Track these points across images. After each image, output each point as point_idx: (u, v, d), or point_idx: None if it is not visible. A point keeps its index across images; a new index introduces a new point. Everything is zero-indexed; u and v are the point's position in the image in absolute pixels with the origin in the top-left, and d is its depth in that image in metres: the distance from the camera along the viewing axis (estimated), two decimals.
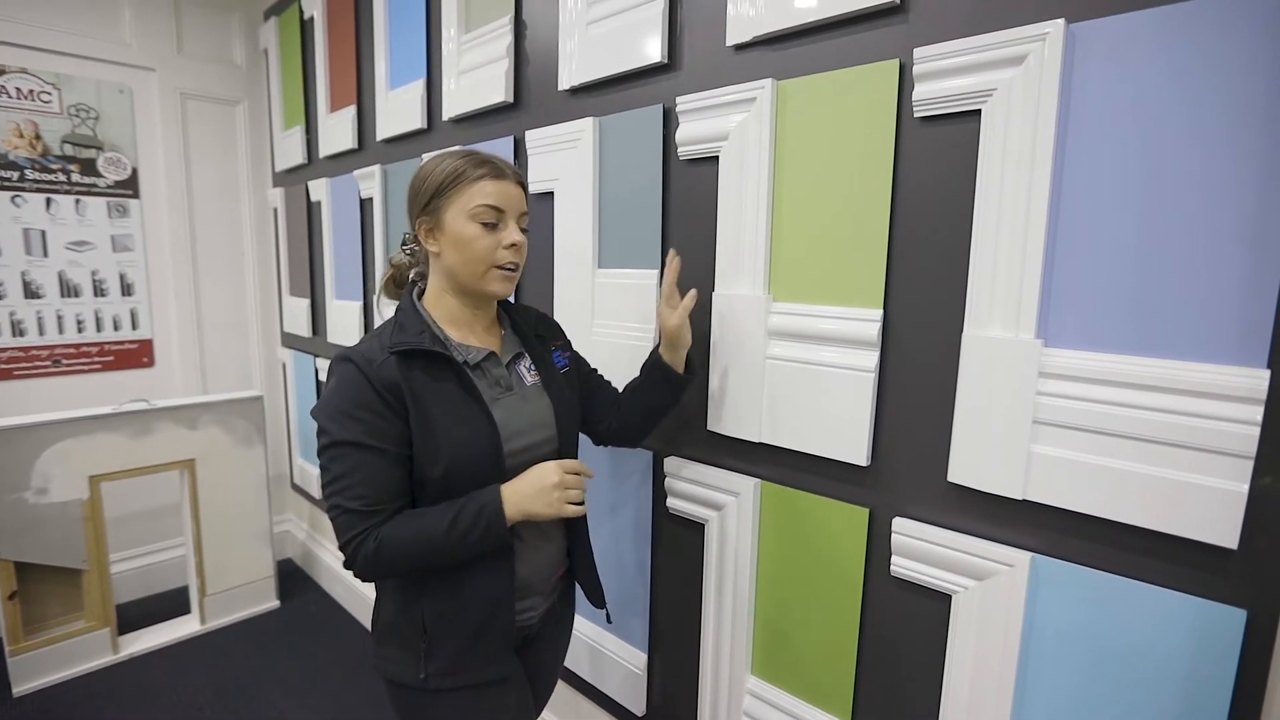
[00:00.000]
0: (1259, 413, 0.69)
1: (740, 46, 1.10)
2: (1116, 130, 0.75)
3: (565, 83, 1.38)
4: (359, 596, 2.46)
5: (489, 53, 1.57)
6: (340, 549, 0.90)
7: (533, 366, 1.06)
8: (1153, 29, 0.72)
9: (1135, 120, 0.74)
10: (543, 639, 1.13)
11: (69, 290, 2.41)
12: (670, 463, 1.28)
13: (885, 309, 0.97)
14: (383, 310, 1.11)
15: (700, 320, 1.19)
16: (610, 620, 1.22)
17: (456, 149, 0.98)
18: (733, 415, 1.15)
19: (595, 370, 1.22)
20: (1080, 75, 0.77)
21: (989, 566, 0.88)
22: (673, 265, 1.11)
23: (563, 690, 1.63)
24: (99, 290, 2.47)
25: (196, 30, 2.60)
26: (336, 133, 2.20)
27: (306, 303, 2.53)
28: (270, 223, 2.84)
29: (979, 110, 0.85)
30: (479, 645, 0.97)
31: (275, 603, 2.56)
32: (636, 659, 1.41)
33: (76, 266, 2.41)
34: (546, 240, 1.46)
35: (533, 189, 1.46)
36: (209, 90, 2.64)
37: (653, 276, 1.26)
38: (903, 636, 1.00)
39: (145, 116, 2.51)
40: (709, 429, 1.20)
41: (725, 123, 1.10)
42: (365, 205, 2.11)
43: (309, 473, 2.69)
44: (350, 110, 2.13)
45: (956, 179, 0.88)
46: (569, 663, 1.57)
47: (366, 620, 2.35)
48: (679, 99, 1.17)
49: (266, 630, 2.42)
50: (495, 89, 1.54)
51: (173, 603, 2.52)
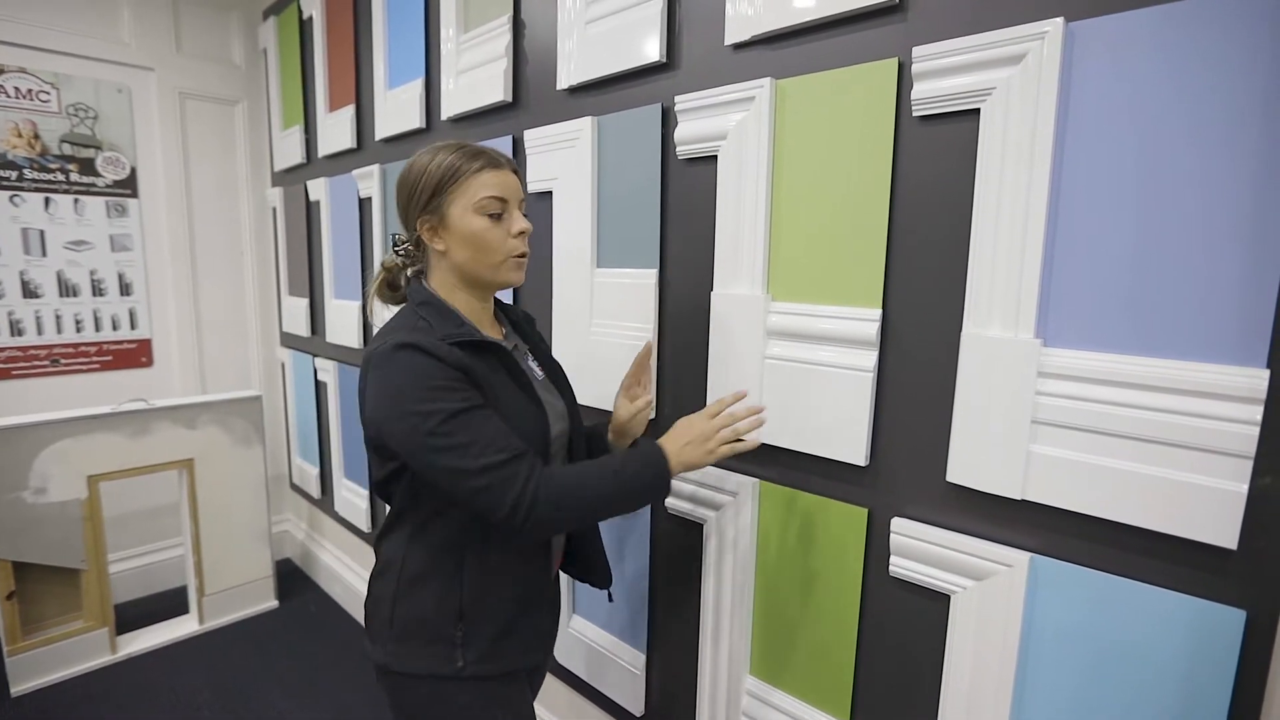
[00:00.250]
0: (1258, 412, 0.68)
1: (739, 46, 1.10)
2: (1115, 129, 0.75)
3: (564, 82, 1.38)
4: (357, 596, 2.45)
5: (487, 52, 1.57)
6: (511, 506, 0.84)
7: (536, 361, 1.08)
8: (1151, 28, 0.72)
9: (1134, 119, 0.74)
10: None
11: (67, 290, 2.40)
12: None
13: (884, 308, 0.96)
14: (376, 313, 1.07)
15: (698, 320, 1.19)
16: (611, 599, 1.23)
17: (441, 144, 0.96)
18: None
19: None
20: (1079, 74, 0.77)
21: (988, 567, 0.88)
22: (641, 355, 1.13)
23: (561, 690, 1.63)
24: (97, 290, 2.46)
25: (195, 30, 2.59)
26: (335, 132, 2.20)
27: (305, 302, 2.53)
28: (269, 222, 2.83)
29: (978, 109, 0.84)
30: (514, 634, 0.99)
31: (274, 603, 2.56)
32: (635, 659, 1.41)
33: (75, 266, 2.41)
34: (545, 240, 1.46)
35: (531, 188, 1.46)
36: (208, 90, 2.64)
37: (651, 276, 1.25)
38: (902, 637, 1.00)
39: (144, 116, 2.51)
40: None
41: (724, 122, 1.10)
42: (364, 205, 2.11)
43: (308, 472, 2.69)
44: (349, 110, 2.13)
45: (955, 178, 0.88)
46: (567, 662, 1.57)
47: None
48: (678, 98, 1.16)
49: (265, 630, 2.41)
50: (494, 88, 1.54)
51: (171, 602, 2.51)
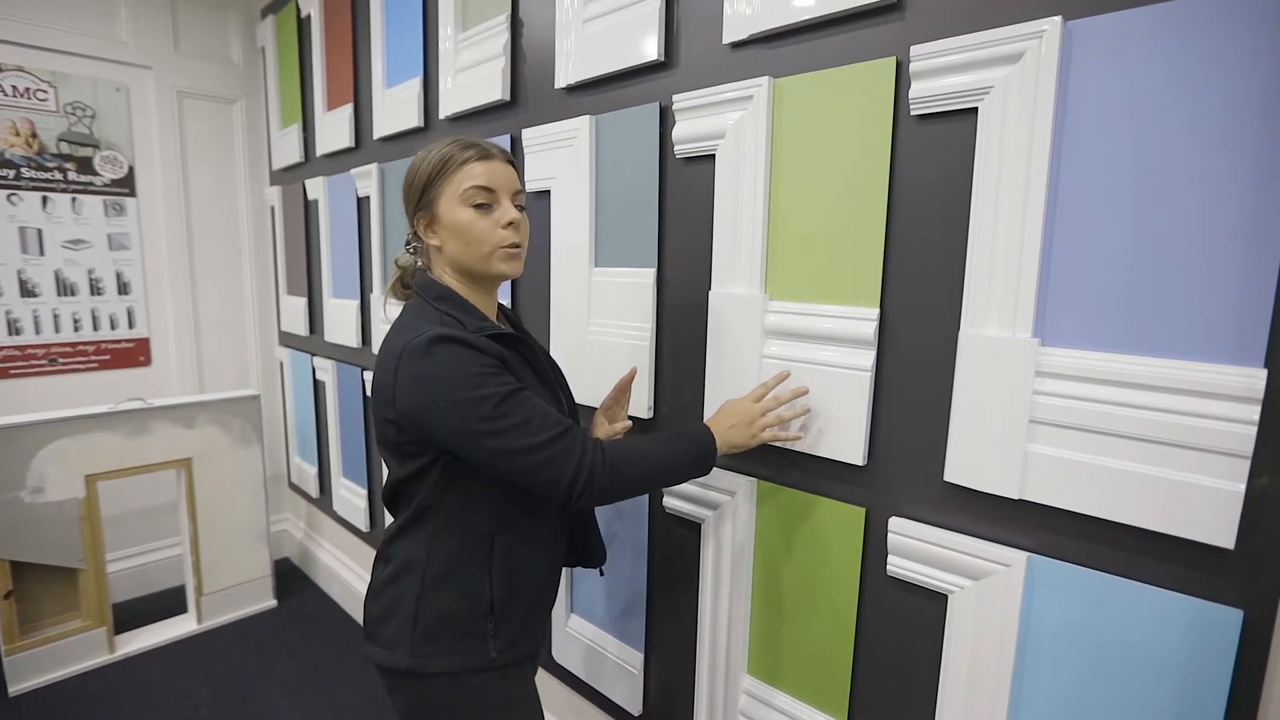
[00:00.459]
0: (1256, 412, 0.68)
1: (737, 44, 1.10)
2: (1113, 128, 0.75)
3: (562, 81, 1.38)
4: (356, 596, 2.45)
5: (486, 51, 1.57)
6: (572, 477, 0.86)
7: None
8: (1149, 26, 0.72)
9: (1132, 118, 0.74)
10: None
11: (65, 289, 2.40)
12: None
13: (882, 308, 0.96)
14: (390, 312, 1.08)
15: (696, 319, 1.19)
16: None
17: (442, 139, 0.97)
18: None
19: None
20: (1077, 73, 0.77)
21: (985, 566, 0.88)
22: (624, 380, 1.17)
23: (559, 689, 1.63)
24: (95, 289, 2.46)
25: (193, 28, 2.59)
26: (333, 131, 2.20)
27: (304, 301, 2.52)
28: (267, 221, 2.83)
29: (976, 108, 0.84)
30: (532, 618, 1.02)
31: (272, 602, 2.56)
32: (633, 659, 1.41)
33: (73, 265, 2.41)
34: (543, 239, 1.46)
35: (529, 188, 1.46)
36: (206, 88, 2.63)
37: (649, 275, 1.25)
38: (899, 636, 1.00)
39: (142, 115, 2.51)
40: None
41: (722, 121, 1.10)
42: (362, 204, 2.11)
43: (306, 472, 2.69)
44: (347, 109, 2.12)
45: (953, 177, 0.88)
46: (565, 662, 1.57)
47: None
48: (675, 97, 1.16)
49: (263, 629, 2.41)
50: (492, 87, 1.54)
51: (169, 602, 2.51)
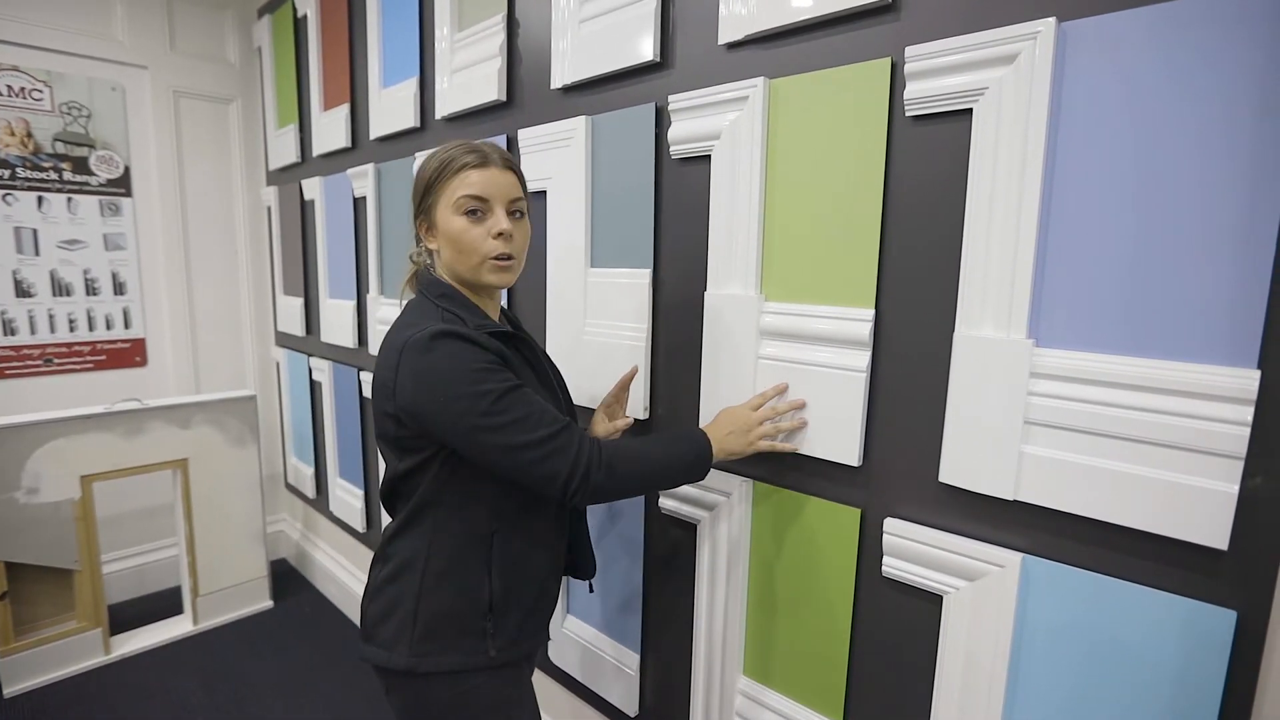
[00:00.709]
0: (1249, 413, 0.68)
1: (732, 45, 1.10)
2: (1108, 129, 0.75)
3: (558, 81, 1.37)
4: (352, 596, 2.45)
5: (482, 51, 1.57)
6: (568, 473, 0.87)
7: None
8: (1144, 28, 0.72)
9: (1126, 119, 0.74)
10: None
11: (61, 289, 2.39)
12: None
13: (877, 309, 0.96)
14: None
15: (692, 320, 1.19)
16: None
17: (451, 142, 0.97)
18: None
19: None
20: (1071, 74, 0.77)
21: (980, 567, 0.88)
22: (625, 378, 1.18)
23: (556, 690, 1.63)
24: (91, 289, 2.45)
25: (189, 28, 2.59)
26: (330, 131, 2.20)
27: (300, 302, 2.52)
28: (264, 221, 2.83)
29: (970, 109, 0.84)
30: (532, 618, 1.02)
31: (269, 603, 2.55)
32: (629, 659, 1.41)
33: (68, 265, 2.40)
34: (539, 239, 1.46)
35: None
36: (202, 88, 2.63)
37: (645, 276, 1.25)
38: (894, 637, 1.00)
39: (138, 114, 2.50)
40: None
41: (717, 121, 1.10)
42: (359, 204, 2.11)
43: (303, 472, 2.69)
44: (344, 109, 2.12)
45: (948, 178, 0.88)
46: (562, 663, 1.57)
47: (359, 620, 2.35)
48: (671, 98, 1.16)
49: (260, 631, 2.41)
50: (488, 87, 1.54)
51: (165, 603, 2.51)
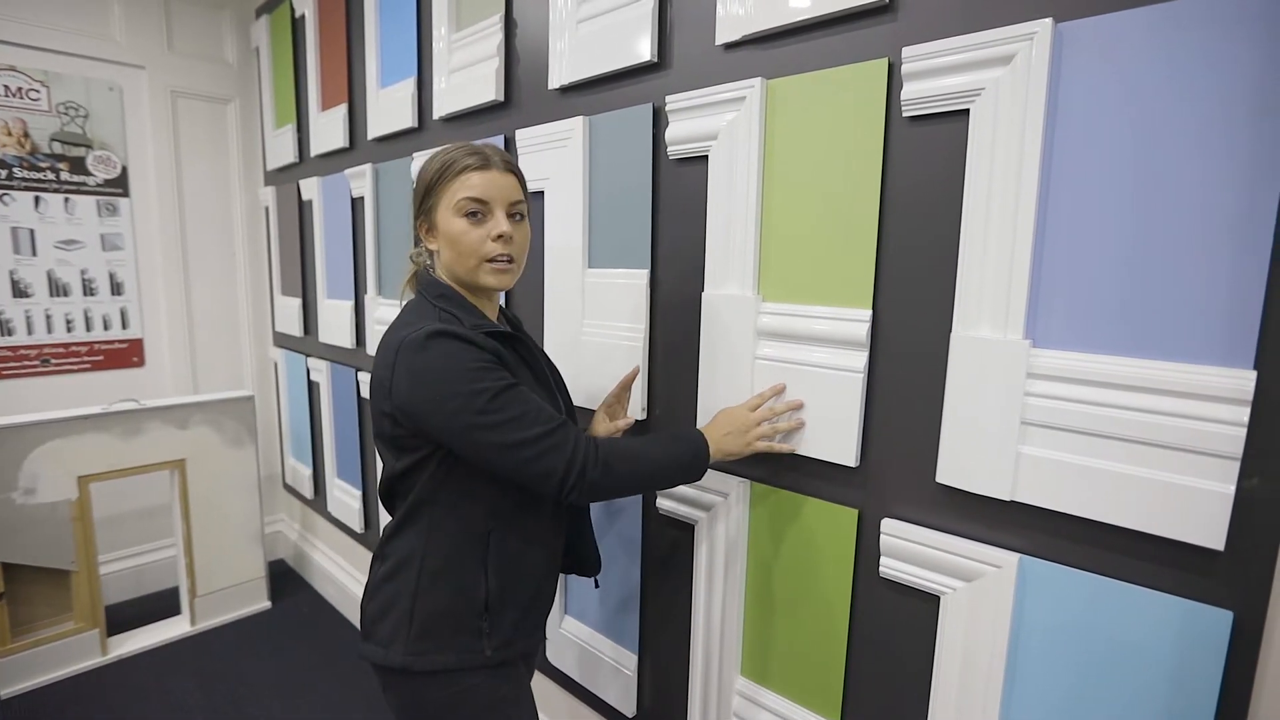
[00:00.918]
0: (1245, 414, 0.68)
1: (730, 45, 1.10)
2: (1104, 130, 0.75)
3: (555, 81, 1.37)
4: (350, 597, 2.45)
5: (479, 51, 1.57)
6: (564, 471, 0.87)
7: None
8: (1140, 28, 0.72)
9: (1123, 120, 0.74)
10: None
11: (58, 289, 2.39)
12: None
13: (874, 309, 0.96)
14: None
15: (689, 320, 1.19)
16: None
17: (453, 143, 0.97)
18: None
19: None
20: (1068, 75, 0.77)
21: (977, 568, 0.88)
22: (626, 378, 1.18)
23: (553, 691, 1.63)
24: (88, 289, 2.45)
25: (187, 28, 2.58)
26: (328, 131, 2.19)
27: (298, 302, 2.52)
28: (262, 222, 2.82)
29: (967, 110, 0.84)
30: (528, 617, 1.02)
31: (266, 604, 2.55)
32: (627, 660, 1.41)
33: (65, 265, 2.40)
34: (537, 240, 1.46)
35: None
36: (200, 88, 2.63)
37: (643, 276, 1.25)
38: (891, 637, 1.00)
39: (135, 114, 2.50)
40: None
41: (715, 122, 1.10)
42: (357, 204, 2.10)
43: (301, 473, 2.68)
44: (341, 109, 2.12)
45: (945, 179, 0.88)
46: (560, 664, 1.57)
47: (357, 620, 2.34)
48: (669, 98, 1.16)
49: (258, 631, 2.40)
50: (486, 88, 1.54)
51: (163, 604, 2.50)
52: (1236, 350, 0.69)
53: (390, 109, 1.87)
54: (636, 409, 1.27)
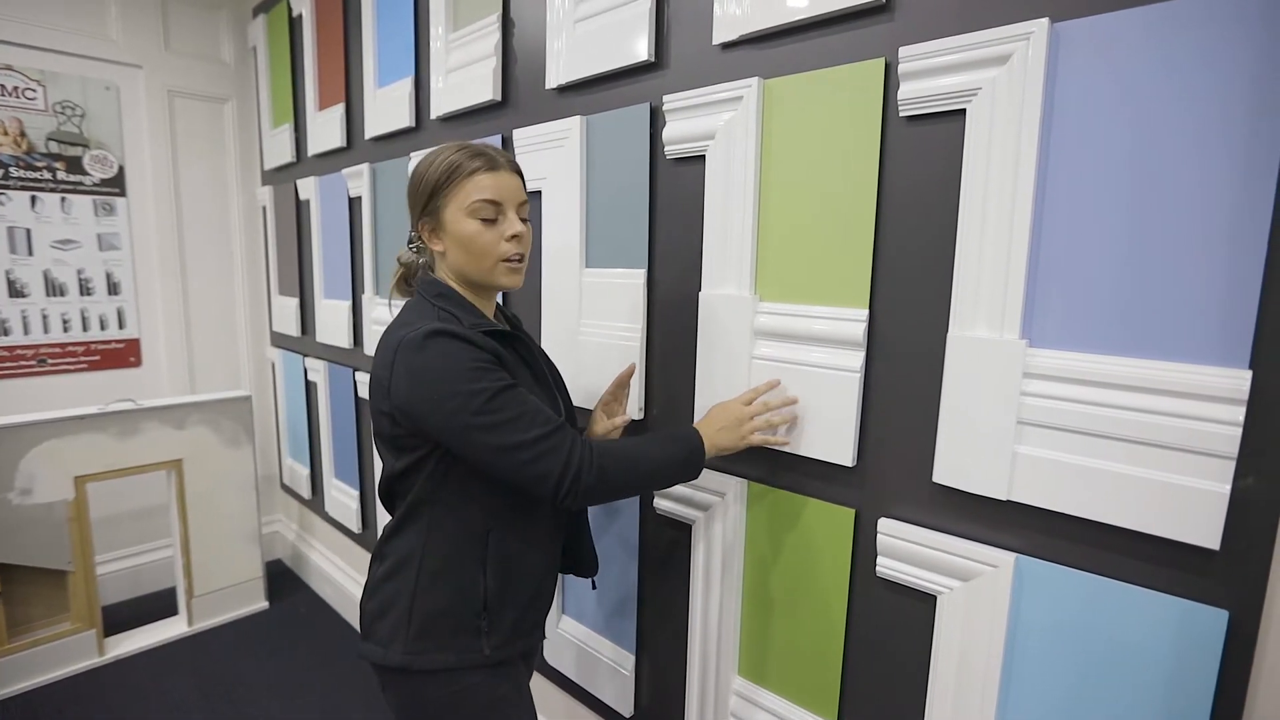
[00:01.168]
0: (1241, 413, 0.69)
1: (727, 45, 1.10)
2: (1100, 130, 0.75)
3: (553, 81, 1.37)
4: (348, 598, 2.44)
5: (477, 51, 1.57)
6: (559, 475, 0.87)
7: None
8: (1136, 28, 0.72)
9: (1119, 120, 0.74)
10: None
11: (54, 289, 2.38)
12: None
13: (871, 309, 0.96)
14: (394, 310, 1.07)
15: (687, 320, 1.19)
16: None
17: (449, 144, 0.96)
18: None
19: None
20: (1064, 74, 0.77)
21: (974, 567, 0.88)
22: (622, 375, 1.17)
23: (551, 691, 1.63)
24: (85, 289, 2.44)
25: (184, 27, 2.58)
26: (325, 131, 2.19)
27: (295, 302, 2.51)
28: (259, 221, 2.82)
29: (964, 109, 0.84)
30: (527, 616, 1.02)
31: (264, 604, 2.54)
32: (624, 660, 1.41)
33: (62, 265, 2.39)
34: (535, 239, 1.45)
35: None
36: (197, 88, 2.62)
37: (640, 276, 1.25)
38: (888, 637, 1.00)
39: (132, 114, 2.49)
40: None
41: (712, 121, 1.10)
42: (354, 204, 2.10)
43: (298, 473, 2.68)
44: (339, 108, 2.11)
45: (942, 178, 0.88)
46: (557, 664, 1.57)
47: (355, 621, 2.34)
48: (666, 98, 1.16)
49: (255, 631, 2.40)
50: (483, 87, 1.54)
51: (160, 604, 2.50)
52: (1232, 350, 0.69)
53: (387, 108, 1.87)
54: (634, 409, 1.27)
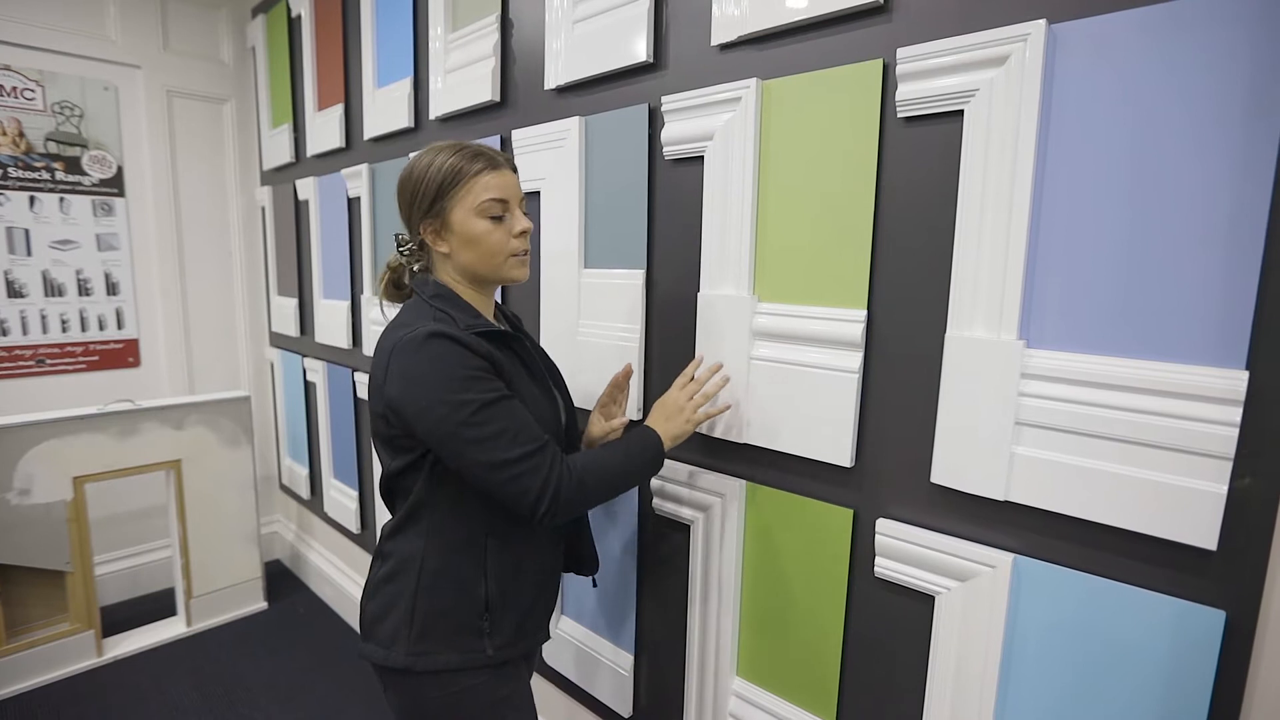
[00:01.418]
0: (1237, 414, 0.69)
1: (725, 46, 1.10)
2: (1097, 131, 0.75)
3: (551, 82, 1.37)
4: (347, 598, 2.44)
5: (475, 51, 1.57)
6: (538, 494, 0.88)
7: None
8: (1134, 29, 0.72)
9: (1116, 121, 0.74)
10: None
11: (53, 289, 2.38)
12: None
13: (869, 310, 0.96)
14: (387, 313, 1.07)
15: (685, 321, 1.19)
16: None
17: (440, 144, 0.97)
18: (718, 416, 1.15)
19: None
20: (1061, 76, 0.77)
21: (971, 568, 0.88)
22: (619, 377, 1.18)
23: (550, 691, 1.63)
24: (84, 289, 2.44)
25: (183, 27, 2.57)
26: (324, 131, 2.19)
27: (294, 302, 2.51)
28: (258, 222, 2.82)
29: (962, 110, 0.84)
30: (530, 617, 1.03)
31: (263, 604, 2.54)
32: (623, 660, 1.41)
33: (61, 265, 2.39)
34: (533, 239, 1.46)
35: None
36: (196, 88, 2.62)
37: (638, 276, 1.25)
38: (886, 637, 1.00)
39: (131, 114, 2.49)
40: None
41: (710, 122, 1.10)
42: (353, 204, 2.10)
43: (297, 473, 2.68)
44: (338, 109, 2.11)
45: (939, 179, 0.88)
46: (556, 664, 1.57)
47: (354, 621, 2.34)
48: (664, 98, 1.16)
49: (254, 632, 2.40)
50: (482, 88, 1.54)
51: (159, 604, 2.50)
52: (1229, 350, 0.69)
53: (386, 109, 1.87)
54: (633, 409, 1.27)
